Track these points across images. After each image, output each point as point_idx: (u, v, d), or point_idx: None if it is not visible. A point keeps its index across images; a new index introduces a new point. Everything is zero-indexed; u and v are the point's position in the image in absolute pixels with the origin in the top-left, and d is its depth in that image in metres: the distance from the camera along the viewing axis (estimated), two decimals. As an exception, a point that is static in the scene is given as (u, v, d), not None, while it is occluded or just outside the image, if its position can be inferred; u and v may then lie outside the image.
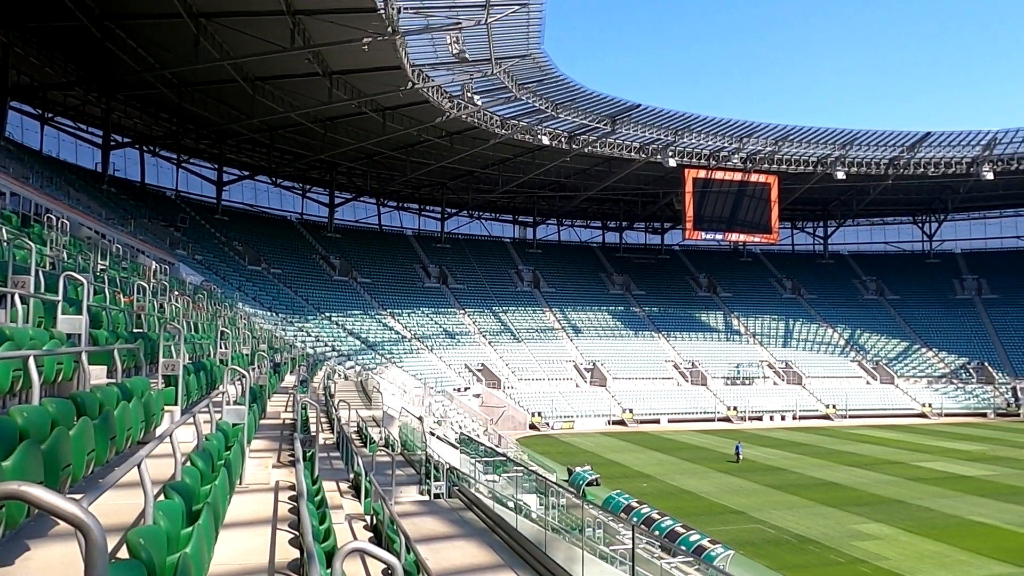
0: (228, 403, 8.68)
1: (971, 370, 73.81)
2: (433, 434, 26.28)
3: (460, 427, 39.99)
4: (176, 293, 20.84)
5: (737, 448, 43.05)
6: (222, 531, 6.06)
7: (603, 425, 60.73)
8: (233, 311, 30.51)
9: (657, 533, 22.61)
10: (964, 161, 72.53)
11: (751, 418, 63.99)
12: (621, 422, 61.34)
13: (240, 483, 7.98)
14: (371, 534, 8.22)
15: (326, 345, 53.99)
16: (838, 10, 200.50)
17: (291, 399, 17.77)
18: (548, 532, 10.34)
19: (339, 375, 39.51)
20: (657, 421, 62.23)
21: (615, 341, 74.51)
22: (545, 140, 62.85)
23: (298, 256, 69.01)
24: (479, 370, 63.79)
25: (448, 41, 43.92)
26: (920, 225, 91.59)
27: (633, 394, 65.34)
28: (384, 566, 5.80)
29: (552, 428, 58.61)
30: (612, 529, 19.34)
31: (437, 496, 13.53)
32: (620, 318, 78.77)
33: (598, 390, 66.17)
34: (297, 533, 5.77)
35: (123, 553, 3.33)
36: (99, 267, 16.95)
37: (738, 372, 71.66)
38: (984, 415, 68.60)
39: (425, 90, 50.74)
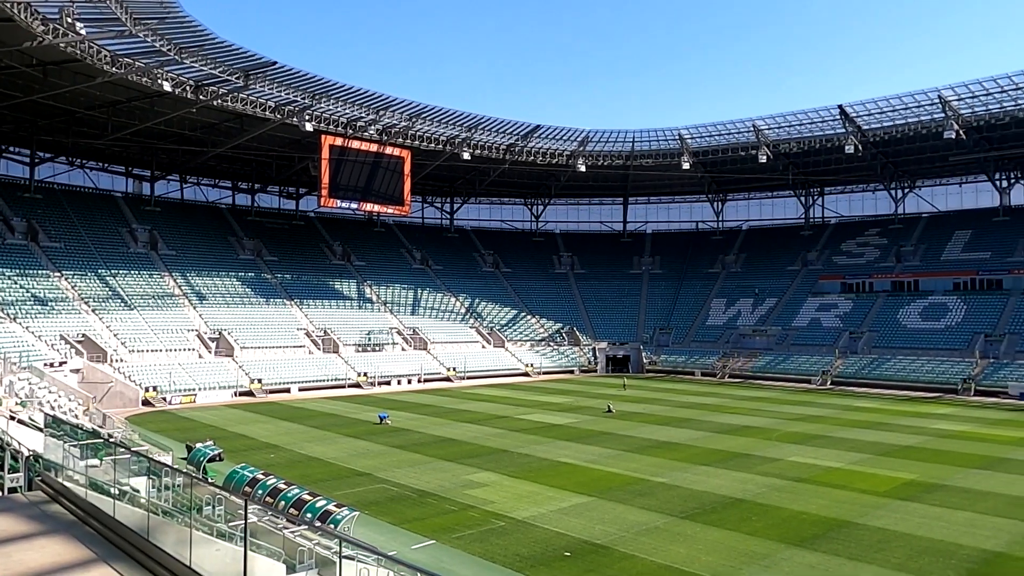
0: None
1: (563, 334, 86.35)
2: (14, 418, 22.24)
3: (53, 407, 34.44)
4: None
5: (381, 417, 44.83)
6: None
7: (229, 397, 57.58)
8: None
9: (283, 503, 22.20)
10: (565, 154, 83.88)
11: (380, 383, 66.37)
12: (249, 393, 58.84)
13: None
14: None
15: None
16: None
17: None
18: (155, 516, 9.43)
19: None
20: (288, 390, 61.06)
21: (244, 309, 70.99)
22: (167, 86, 56.61)
23: None
24: (79, 342, 55.54)
25: (41, -49, 36.86)
26: (529, 207, 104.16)
27: (263, 363, 63.08)
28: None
29: (170, 403, 53.79)
30: (234, 505, 18.44)
31: (13, 490, 11.44)
32: (250, 285, 75.22)
33: (224, 360, 62.46)
34: None
35: None
36: None
37: (369, 339, 73.70)
38: (572, 372, 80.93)
39: (9, 5, 41.92)
